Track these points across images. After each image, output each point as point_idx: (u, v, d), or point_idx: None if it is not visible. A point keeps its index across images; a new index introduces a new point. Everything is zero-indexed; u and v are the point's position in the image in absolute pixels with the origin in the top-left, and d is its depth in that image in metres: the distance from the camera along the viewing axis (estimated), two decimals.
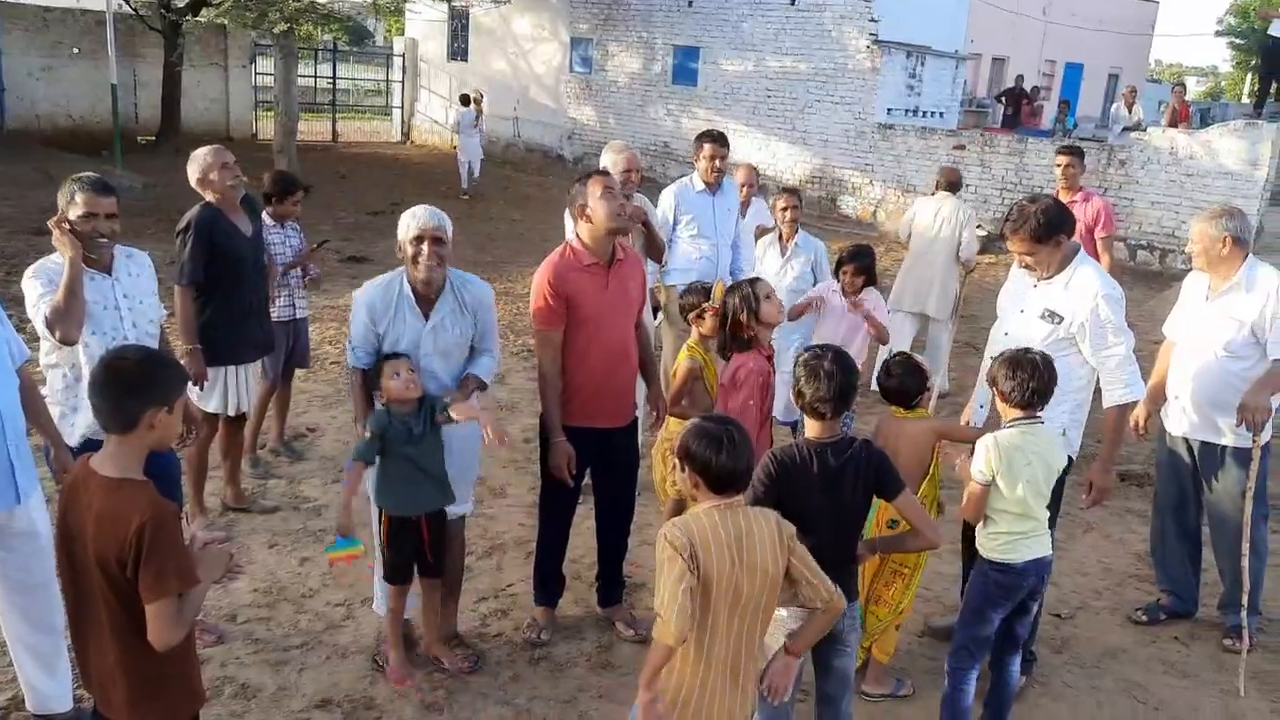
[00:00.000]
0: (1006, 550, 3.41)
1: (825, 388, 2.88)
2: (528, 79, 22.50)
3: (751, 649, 2.64)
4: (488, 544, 4.98)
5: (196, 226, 4.54)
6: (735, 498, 2.58)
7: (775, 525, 2.61)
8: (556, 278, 3.89)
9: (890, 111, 16.48)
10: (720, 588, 2.51)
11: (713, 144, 5.82)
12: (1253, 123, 12.93)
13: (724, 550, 2.50)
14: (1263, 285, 4.19)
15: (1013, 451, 3.35)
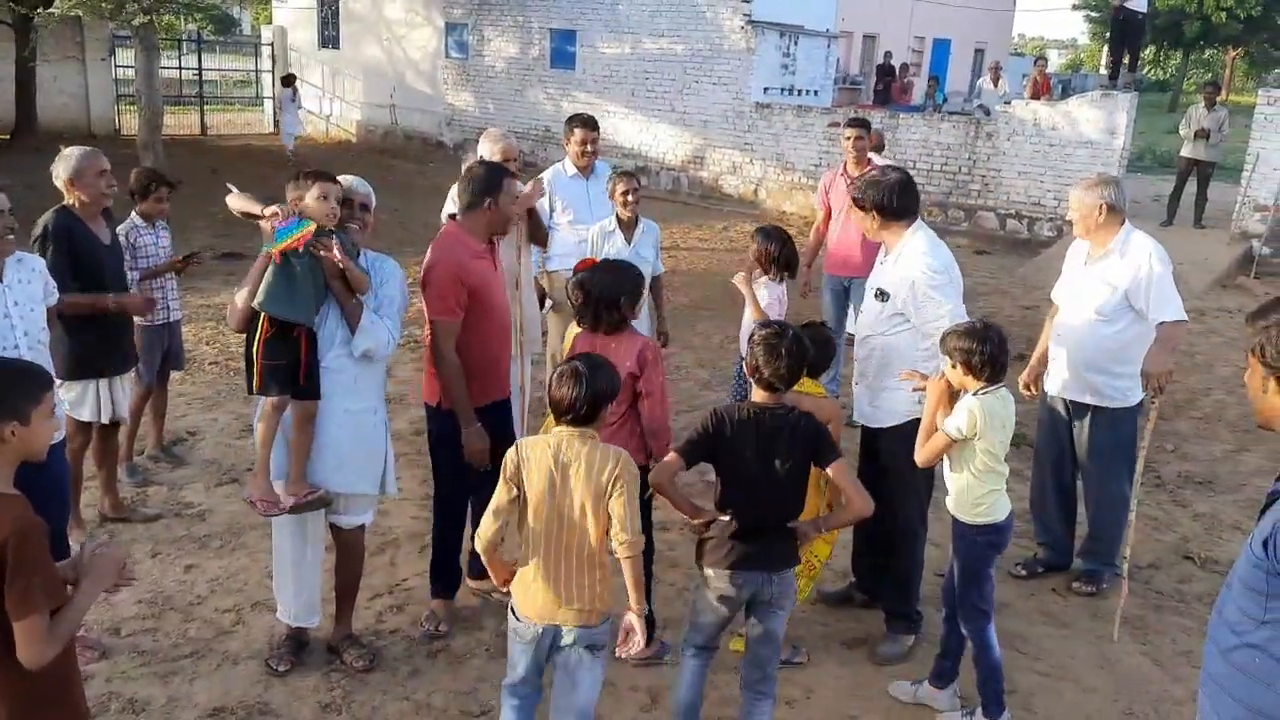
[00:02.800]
0: (991, 511, 3.59)
1: (783, 365, 3.09)
2: (403, 65, 22.10)
3: (570, 557, 2.88)
4: (380, 540, 4.93)
5: (55, 235, 4.29)
6: (584, 429, 2.87)
7: (611, 464, 2.84)
8: (461, 269, 3.89)
9: (767, 91, 16.75)
10: (534, 503, 2.86)
11: (583, 128, 5.82)
12: (1109, 93, 13.56)
13: (545, 473, 2.84)
14: (1137, 251, 4.38)
15: (993, 414, 3.51)
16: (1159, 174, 18.31)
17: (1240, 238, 12.70)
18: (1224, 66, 44.90)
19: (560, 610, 2.91)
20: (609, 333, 3.82)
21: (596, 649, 3.00)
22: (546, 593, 2.90)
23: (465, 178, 4.08)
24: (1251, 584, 1.98)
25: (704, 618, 3.33)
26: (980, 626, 3.64)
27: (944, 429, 3.55)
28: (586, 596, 2.92)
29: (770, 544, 3.20)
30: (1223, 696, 2.06)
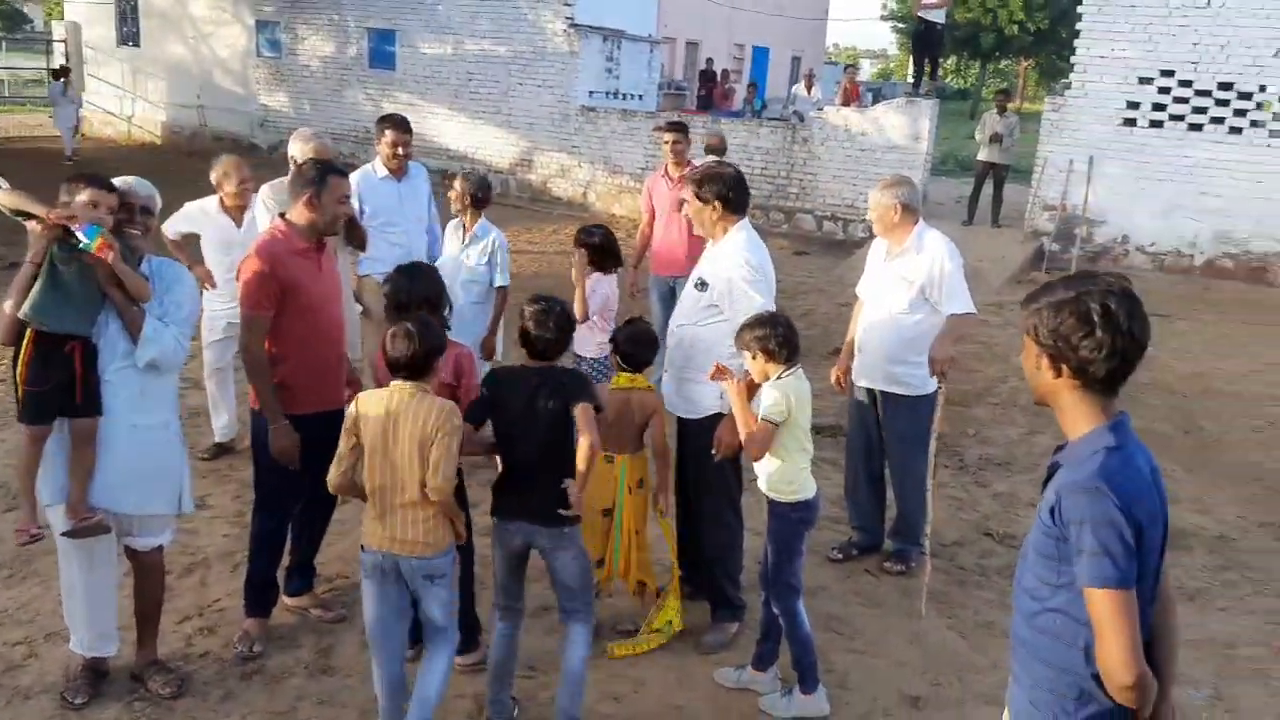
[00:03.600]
0: (802, 488, 3.75)
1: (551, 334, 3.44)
2: (211, 64, 21.09)
3: (403, 497, 3.21)
4: (190, 560, 4.70)
5: None
6: (405, 383, 3.20)
7: (433, 413, 3.17)
8: (272, 261, 3.75)
9: (592, 94, 16.86)
10: (369, 450, 3.22)
11: (395, 130, 5.67)
12: (912, 100, 14.31)
13: (378, 422, 3.19)
14: (930, 248, 4.66)
15: (800, 394, 3.67)
16: (961, 177, 19.43)
17: (1032, 236, 13.64)
18: (1018, 76, 48.17)
19: (395, 543, 3.23)
20: None
21: (436, 578, 3.29)
22: (381, 529, 3.24)
23: (293, 174, 3.99)
24: (1044, 551, 2.09)
25: (498, 573, 3.57)
26: (791, 603, 3.78)
27: (767, 417, 3.66)
28: (420, 531, 3.23)
29: (540, 496, 3.40)
30: (1031, 661, 2.17)
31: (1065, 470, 2.09)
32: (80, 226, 3.22)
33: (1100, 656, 1.99)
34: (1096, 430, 2.09)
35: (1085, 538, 1.97)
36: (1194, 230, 12.87)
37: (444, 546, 3.30)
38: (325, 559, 4.54)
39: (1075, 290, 2.07)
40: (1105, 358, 2.04)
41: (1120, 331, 2.03)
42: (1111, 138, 13.07)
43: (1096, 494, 1.97)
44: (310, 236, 3.90)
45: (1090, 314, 2.04)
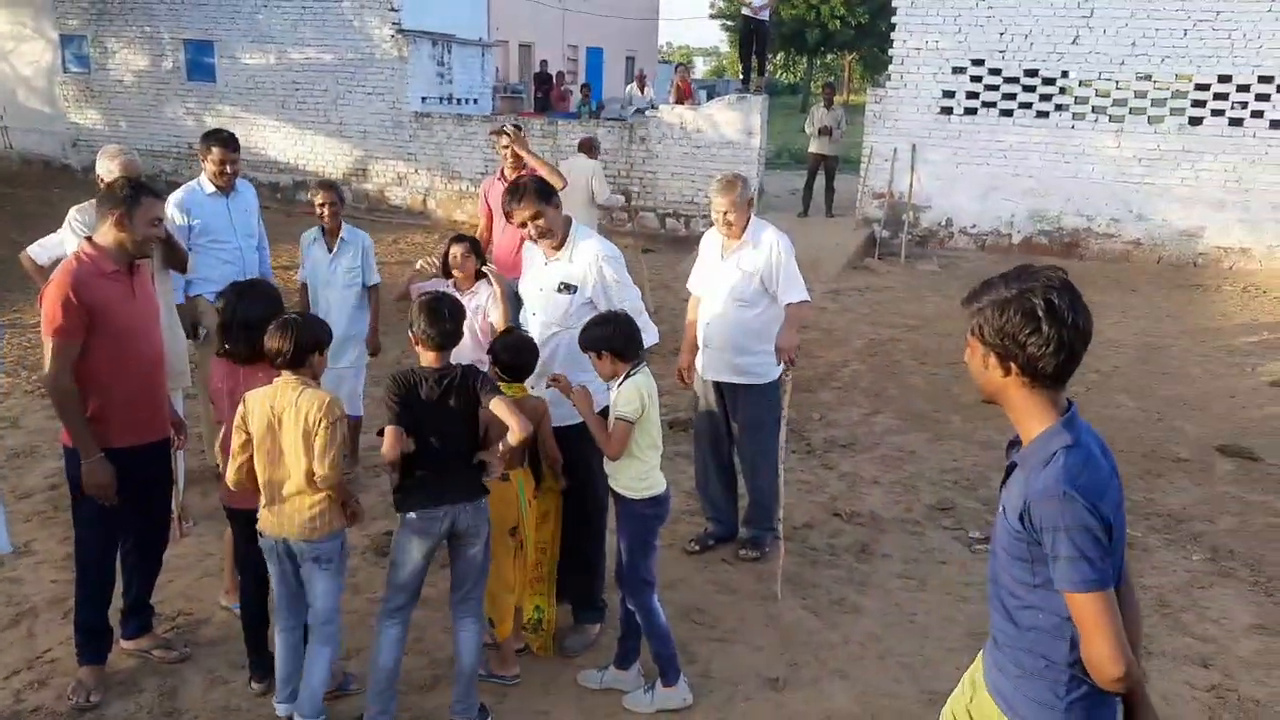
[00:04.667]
0: (654, 484, 3.80)
1: (447, 326, 3.50)
2: (13, 82, 19.73)
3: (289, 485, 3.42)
4: (15, 610, 4.40)
5: None
6: (289, 375, 3.40)
7: (314, 404, 3.35)
8: (78, 285, 3.55)
9: (425, 100, 16.58)
10: (257, 443, 3.41)
11: (221, 148, 5.52)
12: (743, 96, 14.65)
13: (264, 418, 3.39)
14: (766, 240, 4.81)
15: (651, 390, 3.72)
16: (796, 170, 20.05)
17: (864, 223, 14.20)
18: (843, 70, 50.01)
19: (284, 527, 3.45)
20: (250, 362, 3.64)
21: (324, 561, 3.50)
22: (273, 516, 3.47)
23: (101, 193, 3.82)
24: (1016, 554, 2.13)
25: (405, 570, 3.56)
26: (646, 598, 3.83)
27: (623, 416, 3.69)
28: (305, 517, 3.43)
29: (459, 477, 3.55)
30: (1018, 652, 2.21)
31: (1029, 475, 2.10)
32: None
33: (1087, 654, 2.03)
34: (1052, 429, 2.10)
35: (1060, 544, 2.00)
36: (1010, 210, 13.67)
37: (332, 530, 3.50)
38: (165, 596, 4.34)
39: (1017, 288, 2.08)
40: (1054, 352, 2.05)
41: (1065, 325, 2.04)
42: (931, 126, 13.74)
43: (1066, 499, 1.99)
44: (120, 259, 3.71)
45: (1035, 310, 2.04)
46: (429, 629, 4.29)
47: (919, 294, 11.74)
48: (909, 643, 4.42)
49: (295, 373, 3.41)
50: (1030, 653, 2.19)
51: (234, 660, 4.07)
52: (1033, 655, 2.18)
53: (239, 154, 5.63)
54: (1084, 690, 2.13)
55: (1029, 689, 2.20)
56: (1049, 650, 2.15)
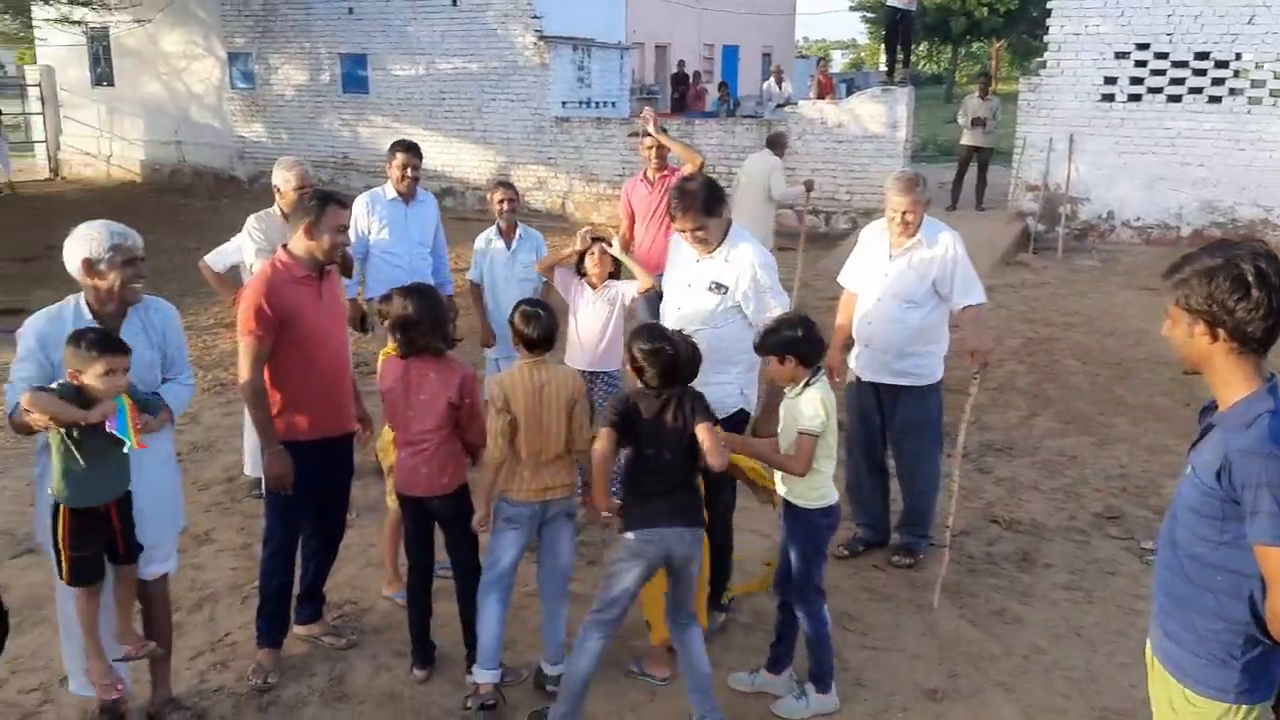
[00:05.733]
0: (828, 494, 3.76)
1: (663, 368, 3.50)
2: (186, 100, 21.05)
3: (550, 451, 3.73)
4: (198, 596, 4.66)
5: None
6: (538, 358, 3.72)
7: (569, 381, 3.74)
8: (271, 291, 3.77)
9: (565, 104, 16.88)
10: (523, 418, 3.66)
11: (405, 154, 5.80)
12: (888, 89, 14.36)
13: (528, 394, 3.66)
14: (943, 241, 4.66)
15: (830, 398, 3.70)
16: (942, 162, 19.49)
17: (1017, 217, 13.69)
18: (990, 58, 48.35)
19: (546, 491, 3.77)
20: (422, 357, 3.78)
21: (570, 515, 3.90)
22: (534, 482, 3.75)
23: (296, 203, 4.02)
24: (1206, 512, 2.19)
25: (619, 588, 3.54)
26: (819, 607, 3.78)
27: (809, 430, 3.62)
28: (561, 480, 3.79)
29: (679, 500, 3.55)
30: (1192, 615, 2.27)
31: (1228, 434, 2.16)
32: (111, 423, 3.08)
33: (1275, 607, 2.09)
34: (1256, 395, 2.16)
35: (1262, 500, 2.06)
36: (1178, 202, 12.93)
37: (575, 489, 3.88)
38: (331, 585, 4.51)
39: (1223, 256, 2.16)
40: (1262, 316, 2.12)
41: (1274, 289, 2.11)
42: (1090, 114, 13.13)
43: (1270, 458, 2.06)
44: (311, 265, 3.91)
45: (1244, 275, 2.12)
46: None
47: (1078, 290, 11.23)
48: (1076, 656, 4.22)
49: (542, 357, 3.74)
50: (1207, 615, 2.25)
51: (397, 648, 4.22)
52: (1208, 617, 2.24)
53: (420, 161, 5.90)
54: (1260, 650, 2.20)
55: (1203, 650, 2.26)
56: (1227, 609, 2.21)
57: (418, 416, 3.79)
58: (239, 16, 19.72)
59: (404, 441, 3.87)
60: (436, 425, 3.78)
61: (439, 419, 3.78)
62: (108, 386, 3.08)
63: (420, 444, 3.81)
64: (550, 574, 3.93)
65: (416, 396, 3.79)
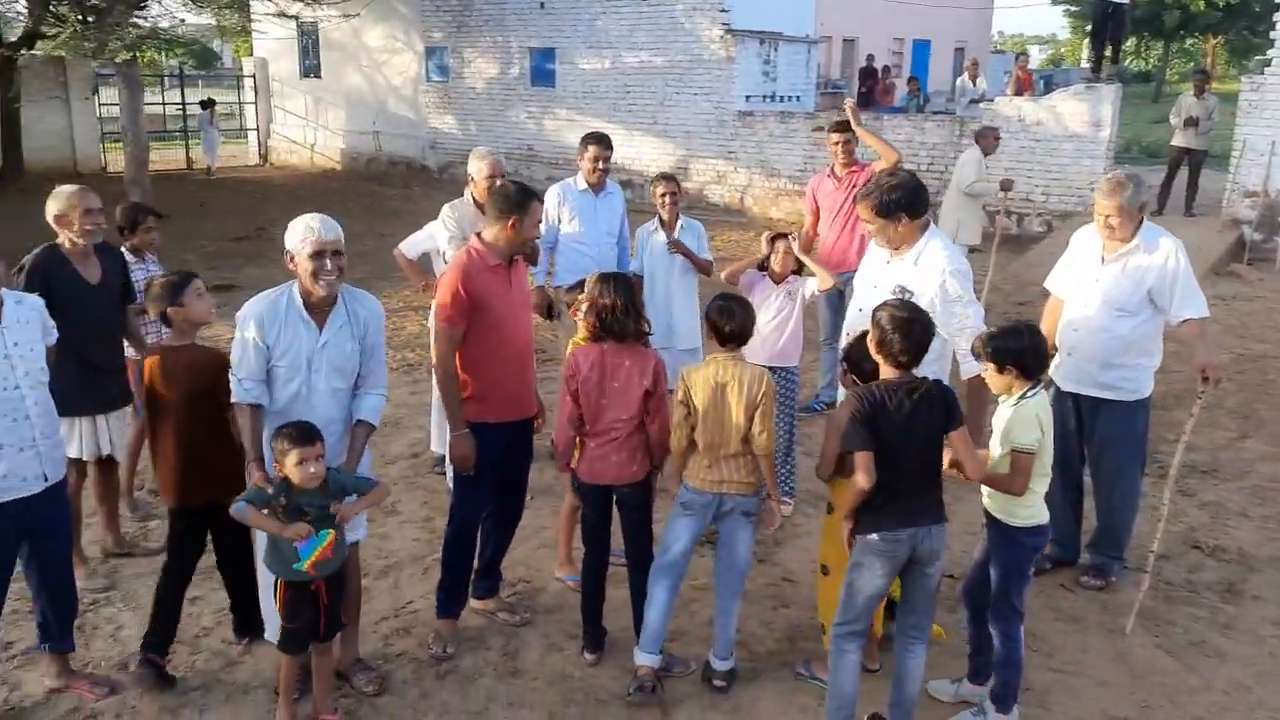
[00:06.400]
0: (1038, 513, 3.61)
1: (912, 341, 3.32)
2: (385, 92, 22.14)
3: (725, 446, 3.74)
4: (383, 563, 4.90)
5: (29, 275, 4.27)
6: (736, 352, 3.77)
7: (756, 381, 3.69)
8: (467, 278, 3.93)
9: (749, 99, 16.79)
10: (702, 412, 3.72)
11: (596, 145, 5.93)
12: (1093, 86, 13.60)
13: (707, 390, 3.71)
14: (1164, 249, 4.37)
15: (1048, 413, 3.58)
16: (1147, 164, 18.35)
17: (1231, 225, 12.72)
18: (1204, 55, 45.13)
19: (722, 484, 3.78)
20: (616, 344, 3.84)
21: (751, 514, 3.85)
22: (710, 475, 3.78)
23: (494, 193, 4.15)
24: None
25: (865, 594, 3.44)
26: (1015, 628, 3.63)
27: (1024, 448, 3.49)
28: (740, 476, 3.77)
29: (926, 498, 3.42)
30: None
31: None
32: (301, 543, 3.37)
33: None
34: None
35: None
36: None
37: (758, 489, 3.82)
38: (508, 563, 4.64)
39: None
40: None
41: None
42: None
43: None
44: (503, 255, 4.04)
45: None
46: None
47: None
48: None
49: (736, 353, 3.75)
50: None
51: (568, 630, 4.30)
52: None
53: (611, 154, 6.02)
54: None
55: None
56: None
57: (612, 405, 3.85)
58: (437, 11, 20.56)
59: (594, 430, 3.91)
60: (630, 414, 3.83)
61: (633, 407, 3.83)
62: (303, 478, 3.34)
63: (612, 432, 3.87)
64: (726, 570, 3.91)
65: (611, 384, 3.85)
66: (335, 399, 3.63)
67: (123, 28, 14.84)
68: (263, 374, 3.54)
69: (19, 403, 3.45)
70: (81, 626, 4.16)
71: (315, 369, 3.56)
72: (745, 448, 3.74)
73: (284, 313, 3.53)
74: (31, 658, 4.03)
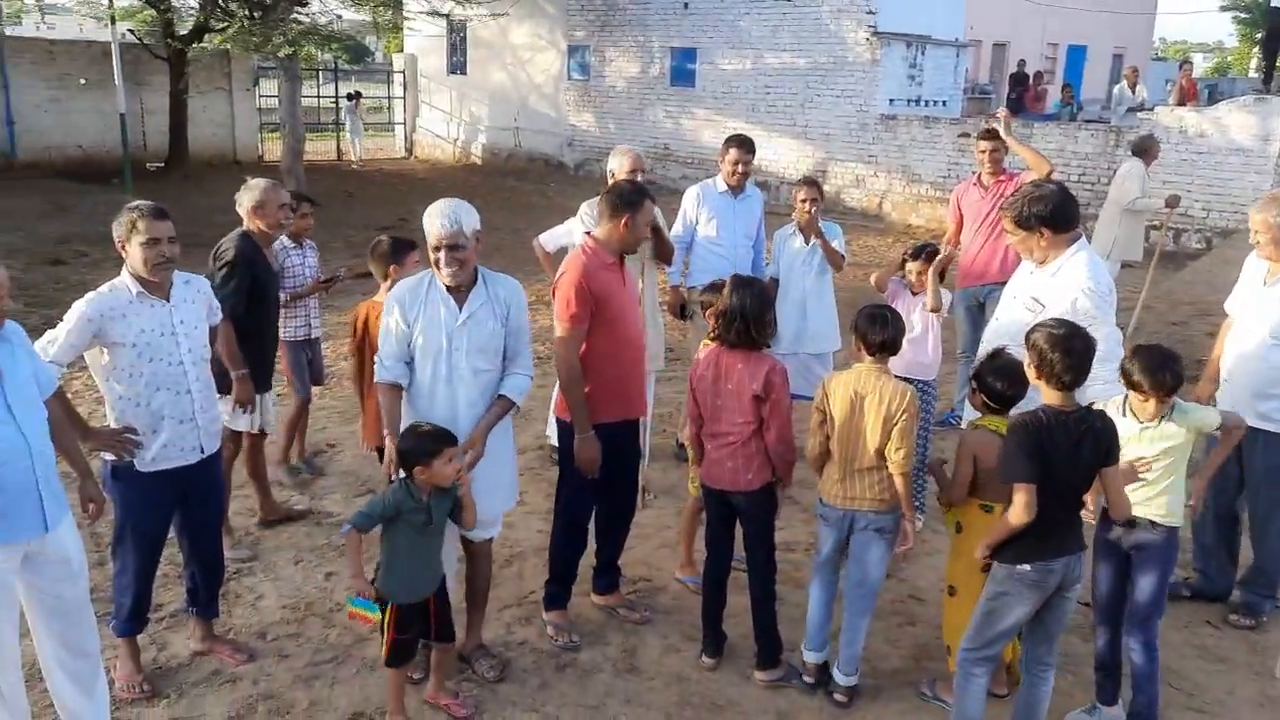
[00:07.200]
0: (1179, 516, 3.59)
1: (1074, 362, 3.14)
2: (527, 89, 22.58)
3: (858, 460, 3.68)
4: (508, 552, 5.00)
5: (242, 259, 4.61)
6: (882, 363, 3.68)
7: (897, 396, 3.59)
8: (588, 278, 3.94)
9: (892, 102, 16.47)
10: (838, 422, 3.69)
11: (738, 149, 5.91)
12: (1262, 97, 12.86)
13: (845, 401, 3.66)
14: None
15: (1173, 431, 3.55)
16: None
17: None
18: None
19: (853, 500, 3.72)
20: (736, 348, 3.80)
21: (886, 531, 3.75)
22: (842, 489, 3.73)
23: (607, 192, 4.16)
24: None
25: (1006, 623, 3.35)
26: (1156, 635, 3.62)
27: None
28: (874, 492, 3.68)
29: (1074, 529, 3.31)
30: None
31: None
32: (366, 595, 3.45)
33: None
34: None
35: None
36: None
37: (893, 505, 3.70)
38: (626, 561, 4.67)
39: None
40: None
41: None
42: None
43: None
44: (615, 253, 4.07)
45: None
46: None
47: None
48: None
49: (881, 364, 3.67)
50: None
51: (687, 631, 4.30)
52: None
53: (753, 157, 5.99)
54: None
55: None
56: None
57: (725, 408, 3.83)
58: (582, 11, 20.86)
59: (711, 433, 3.91)
60: (744, 418, 3.79)
61: (746, 412, 3.78)
62: (449, 473, 3.41)
63: (727, 436, 3.83)
64: (856, 585, 3.83)
65: (725, 385, 3.82)
66: (478, 380, 3.68)
67: (285, 23, 15.54)
68: (404, 355, 3.66)
69: (181, 378, 3.66)
70: (225, 594, 4.37)
71: (456, 347, 3.64)
72: (880, 462, 3.65)
73: (425, 293, 3.65)
74: (179, 620, 4.26)
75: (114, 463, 3.63)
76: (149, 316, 3.58)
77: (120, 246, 3.57)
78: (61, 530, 3.18)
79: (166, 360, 3.62)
